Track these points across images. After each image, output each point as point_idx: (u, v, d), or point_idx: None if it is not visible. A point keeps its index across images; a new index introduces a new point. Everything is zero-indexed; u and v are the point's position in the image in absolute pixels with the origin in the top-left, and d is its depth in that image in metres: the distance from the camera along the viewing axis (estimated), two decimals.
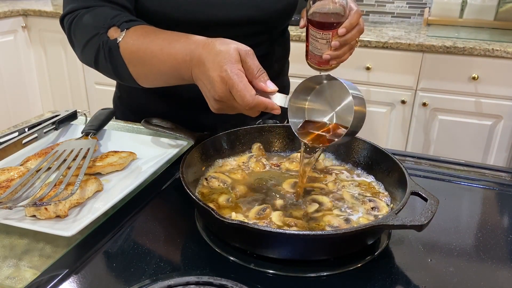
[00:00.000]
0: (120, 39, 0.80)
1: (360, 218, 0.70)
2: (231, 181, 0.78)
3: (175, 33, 0.80)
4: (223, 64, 0.68)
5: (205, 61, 0.71)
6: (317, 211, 0.71)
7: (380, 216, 0.70)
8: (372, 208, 0.71)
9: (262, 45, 1.03)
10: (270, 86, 0.71)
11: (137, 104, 1.12)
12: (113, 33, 0.82)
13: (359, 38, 0.91)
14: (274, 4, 0.97)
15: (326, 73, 0.93)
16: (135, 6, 0.93)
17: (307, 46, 0.92)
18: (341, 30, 0.85)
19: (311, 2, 0.86)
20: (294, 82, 1.26)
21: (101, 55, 0.83)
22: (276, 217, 0.69)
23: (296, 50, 1.31)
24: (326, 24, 0.85)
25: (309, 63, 0.94)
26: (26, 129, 0.90)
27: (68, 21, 0.87)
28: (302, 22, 0.91)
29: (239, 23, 0.95)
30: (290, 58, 1.19)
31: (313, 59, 0.92)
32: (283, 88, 1.19)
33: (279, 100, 0.70)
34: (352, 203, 0.73)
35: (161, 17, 0.92)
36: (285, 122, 1.20)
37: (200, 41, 0.74)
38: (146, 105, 1.10)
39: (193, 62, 0.74)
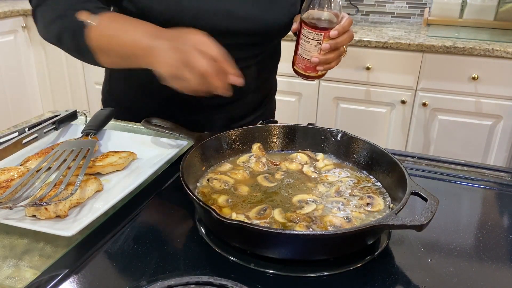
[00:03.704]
0: (90, 23, 0.81)
1: (353, 212, 0.70)
2: (233, 182, 0.78)
3: (140, 22, 0.82)
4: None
5: (174, 32, 0.76)
6: (315, 210, 0.71)
7: (374, 213, 0.70)
8: (367, 204, 0.72)
9: (257, 56, 1.04)
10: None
11: (128, 100, 1.13)
12: (83, 15, 0.82)
13: (346, 48, 0.92)
14: (280, 19, 0.98)
15: (311, 81, 0.94)
16: (132, 5, 0.94)
17: (296, 51, 0.93)
18: (333, 32, 0.86)
19: (307, 5, 0.87)
20: (282, 81, 1.27)
21: (66, 35, 0.83)
22: (277, 214, 0.69)
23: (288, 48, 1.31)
24: (319, 26, 0.87)
25: (296, 69, 0.94)
26: (26, 129, 0.90)
27: None
28: (295, 25, 0.92)
29: (240, 34, 0.96)
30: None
31: (301, 64, 0.92)
32: (270, 89, 1.20)
33: None
34: (348, 198, 0.73)
35: (166, 20, 0.92)
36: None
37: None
38: (137, 103, 1.10)
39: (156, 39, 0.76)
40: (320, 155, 0.87)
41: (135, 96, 1.10)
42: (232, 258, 0.64)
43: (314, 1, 0.87)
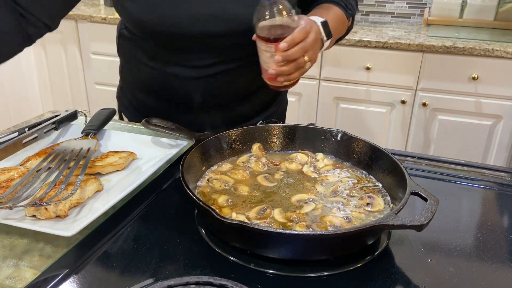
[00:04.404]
0: None
1: (353, 212, 0.70)
2: (233, 182, 0.78)
3: None
4: None
5: None
6: (315, 209, 0.71)
7: (374, 213, 0.70)
8: (367, 204, 0.72)
9: (253, 55, 1.03)
10: None
11: (137, 99, 1.13)
12: None
13: (310, 58, 0.85)
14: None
15: (284, 89, 0.91)
16: (126, 15, 0.96)
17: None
18: (282, 45, 0.81)
19: (257, 16, 0.84)
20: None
21: None
22: (278, 214, 0.69)
23: None
24: (270, 37, 0.83)
25: (263, 78, 0.91)
26: (26, 129, 0.90)
27: None
28: (255, 35, 0.88)
29: (226, 35, 0.95)
30: None
31: (264, 74, 0.89)
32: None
33: None
34: (348, 198, 0.73)
35: (149, 29, 0.95)
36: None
37: None
38: (144, 102, 1.12)
39: None
40: (320, 155, 0.87)
41: (143, 94, 1.11)
42: (232, 258, 0.64)
43: (263, 11, 0.83)
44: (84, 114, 1.04)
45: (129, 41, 1.07)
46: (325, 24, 0.92)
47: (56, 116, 0.97)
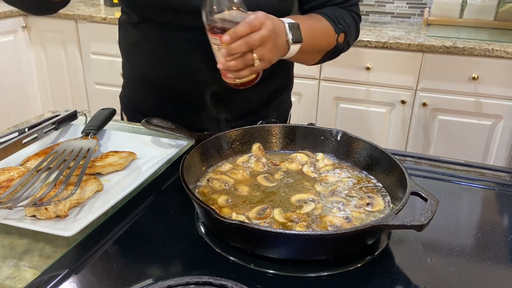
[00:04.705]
0: None
1: (353, 212, 0.70)
2: (233, 182, 0.78)
3: None
4: None
5: None
6: (315, 209, 0.71)
7: (374, 213, 0.70)
8: (367, 204, 0.72)
9: None
10: None
11: (137, 97, 1.13)
12: None
13: (261, 56, 0.79)
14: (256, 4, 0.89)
15: (237, 88, 0.88)
16: None
17: None
18: (224, 37, 0.76)
19: (205, 3, 0.80)
20: (296, 82, 1.27)
21: None
22: (277, 214, 0.69)
23: None
24: (215, 28, 0.79)
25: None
26: (26, 129, 0.90)
27: None
28: None
29: None
30: None
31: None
32: (287, 85, 1.18)
33: None
34: (348, 198, 0.73)
35: (140, 1, 0.93)
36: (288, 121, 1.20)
37: None
38: (143, 99, 1.11)
39: None
40: (320, 155, 0.87)
41: (141, 90, 1.11)
42: (232, 258, 0.64)
43: (210, 0, 0.78)
44: (84, 114, 1.04)
45: (126, 31, 1.07)
46: (293, 26, 0.87)
47: (56, 116, 0.97)
